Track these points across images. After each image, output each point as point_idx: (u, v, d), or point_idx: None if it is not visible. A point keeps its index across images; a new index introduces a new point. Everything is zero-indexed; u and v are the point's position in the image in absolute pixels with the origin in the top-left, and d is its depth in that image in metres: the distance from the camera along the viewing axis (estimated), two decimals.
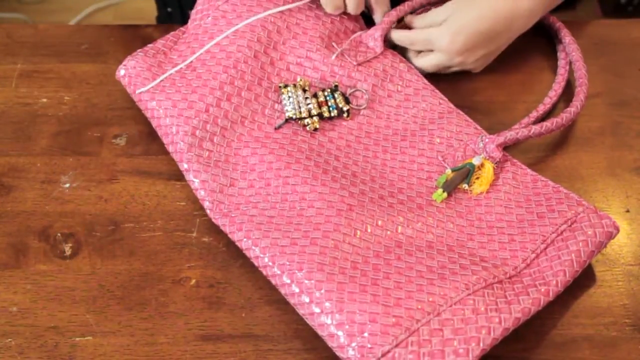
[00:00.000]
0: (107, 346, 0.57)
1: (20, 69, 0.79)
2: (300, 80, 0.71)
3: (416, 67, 0.75)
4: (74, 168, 0.70)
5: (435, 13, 0.73)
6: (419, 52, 0.75)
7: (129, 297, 0.60)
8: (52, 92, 0.77)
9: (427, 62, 0.74)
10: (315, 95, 0.70)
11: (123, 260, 0.63)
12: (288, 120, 0.69)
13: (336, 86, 0.71)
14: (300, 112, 0.68)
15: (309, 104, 0.69)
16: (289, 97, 0.69)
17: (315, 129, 0.69)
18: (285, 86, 0.70)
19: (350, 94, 0.72)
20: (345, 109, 0.70)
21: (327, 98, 0.70)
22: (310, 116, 0.69)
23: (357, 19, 0.78)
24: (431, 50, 0.74)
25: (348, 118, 0.70)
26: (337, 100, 0.70)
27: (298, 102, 0.69)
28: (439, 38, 0.71)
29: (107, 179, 0.69)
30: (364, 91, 0.72)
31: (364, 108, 0.71)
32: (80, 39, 0.83)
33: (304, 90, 0.70)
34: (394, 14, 0.78)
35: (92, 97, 0.76)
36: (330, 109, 0.70)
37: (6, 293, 0.61)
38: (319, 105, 0.70)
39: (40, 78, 0.78)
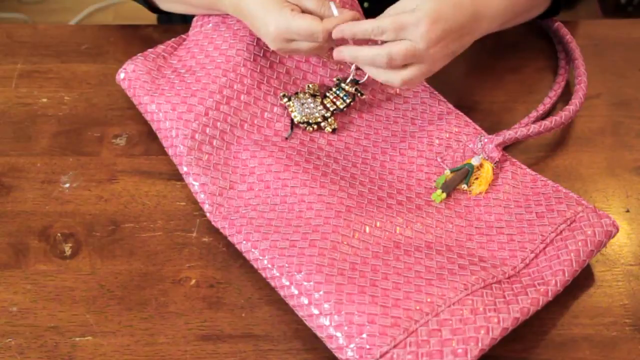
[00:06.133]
0: (107, 346, 0.57)
1: (20, 69, 0.79)
2: (310, 86, 0.71)
3: (382, 57, 0.63)
4: (74, 168, 0.70)
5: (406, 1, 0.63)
6: (382, 42, 0.63)
7: (129, 297, 0.60)
8: (52, 92, 0.77)
9: (401, 46, 0.61)
10: (325, 97, 0.71)
11: (123, 260, 0.63)
12: (306, 129, 0.69)
13: (339, 79, 0.71)
14: (315, 118, 0.69)
15: (320, 109, 0.69)
16: (302, 103, 0.69)
17: (334, 130, 0.69)
18: (297, 93, 0.70)
19: (354, 74, 0.72)
20: (357, 90, 0.71)
21: (337, 92, 0.70)
22: (326, 119, 0.69)
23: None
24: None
25: (364, 96, 0.71)
26: (347, 88, 0.70)
27: (310, 109, 0.69)
28: (417, 23, 0.61)
29: (107, 179, 0.69)
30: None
31: (365, 79, 0.71)
32: (80, 39, 0.83)
33: (314, 96, 0.70)
34: None
35: (92, 97, 0.76)
36: (344, 98, 0.70)
37: (6, 293, 0.61)
38: (333, 102, 0.70)
39: (40, 78, 0.78)
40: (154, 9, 0.82)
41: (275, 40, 0.65)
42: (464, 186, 0.65)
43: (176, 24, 0.87)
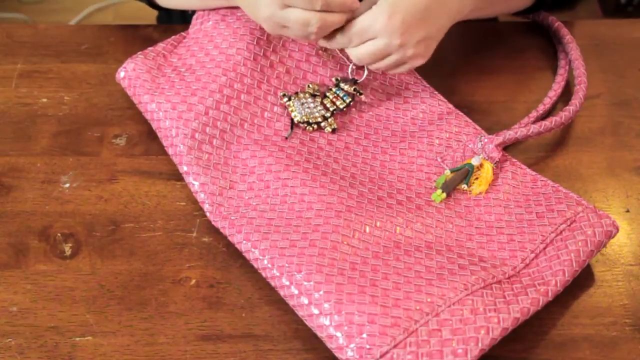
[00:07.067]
0: (107, 346, 0.57)
1: (20, 69, 0.79)
2: (309, 86, 0.71)
3: (353, 59, 0.67)
4: (74, 168, 0.70)
5: (364, 2, 0.64)
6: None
7: (129, 297, 0.60)
8: (52, 92, 0.77)
9: (364, 49, 0.64)
10: (324, 96, 0.71)
11: (123, 260, 0.63)
12: (306, 129, 0.69)
13: (338, 79, 0.71)
14: (315, 118, 0.69)
15: (320, 109, 0.69)
16: (302, 103, 0.69)
17: (334, 130, 0.69)
18: (297, 93, 0.70)
19: (353, 73, 0.72)
20: (355, 89, 0.71)
21: (337, 92, 0.70)
22: (326, 119, 0.69)
23: None
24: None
25: (362, 96, 0.71)
26: (346, 88, 0.70)
27: (310, 108, 0.69)
28: (374, 20, 0.62)
29: (107, 179, 0.69)
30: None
31: (366, 76, 0.71)
32: (80, 39, 0.83)
33: (314, 96, 0.70)
34: None
35: (92, 97, 0.76)
36: (344, 98, 0.70)
37: (6, 293, 0.61)
38: (333, 102, 0.70)
39: (40, 78, 0.78)
40: (154, 5, 0.82)
41: (271, 5, 0.62)
42: (464, 186, 0.65)
43: (176, 24, 0.87)
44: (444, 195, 0.64)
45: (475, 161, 0.65)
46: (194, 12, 0.78)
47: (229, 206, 0.64)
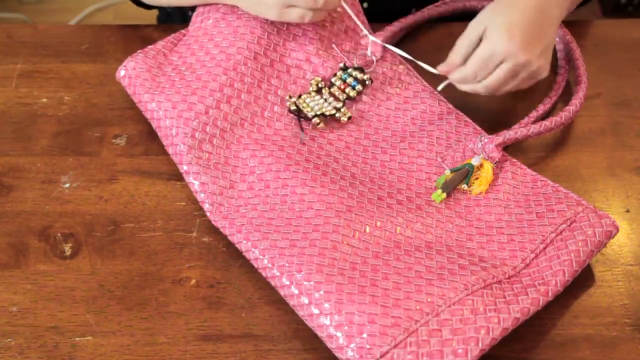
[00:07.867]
0: (107, 346, 0.57)
1: (20, 69, 0.79)
2: (312, 83, 0.71)
3: (482, 91, 0.68)
4: (74, 168, 0.70)
5: (471, 31, 0.67)
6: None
7: (129, 297, 0.60)
8: (52, 92, 0.77)
9: (494, 77, 0.66)
10: (331, 86, 0.70)
11: (123, 260, 0.63)
12: (318, 125, 0.69)
13: (345, 65, 0.71)
14: (329, 110, 0.69)
15: (331, 101, 0.70)
16: (313, 100, 0.69)
17: (349, 118, 0.69)
18: (300, 96, 0.70)
19: (358, 63, 0.72)
20: (366, 77, 0.71)
21: (344, 78, 0.71)
22: (338, 109, 0.69)
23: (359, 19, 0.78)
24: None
25: (370, 84, 0.71)
26: (354, 75, 0.71)
27: (320, 104, 0.69)
28: (494, 47, 0.64)
29: (107, 179, 0.69)
30: (368, 55, 0.71)
31: (372, 71, 0.72)
32: (80, 39, 0.83)
33: (319, 91, 0.70)
34: (397, 24, 0.78)
35: (92, 97, 0.76)
36: (353, 85, 0.70)
37: (6, 293, 0.61)
38: (342, 90, 0.70)
39: (40, 78, 0.78)
40: (140, 3, 0.82)
41: None
42: (464, 186, 0.65)
43: (176, 24, 0.87)
44: (444, 195, 0.64)
45: (475, 161, 0.65)
46: (194, 11, 0.78)
47: (229, 206, 0.64)
